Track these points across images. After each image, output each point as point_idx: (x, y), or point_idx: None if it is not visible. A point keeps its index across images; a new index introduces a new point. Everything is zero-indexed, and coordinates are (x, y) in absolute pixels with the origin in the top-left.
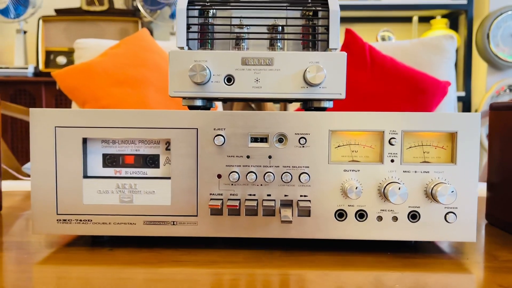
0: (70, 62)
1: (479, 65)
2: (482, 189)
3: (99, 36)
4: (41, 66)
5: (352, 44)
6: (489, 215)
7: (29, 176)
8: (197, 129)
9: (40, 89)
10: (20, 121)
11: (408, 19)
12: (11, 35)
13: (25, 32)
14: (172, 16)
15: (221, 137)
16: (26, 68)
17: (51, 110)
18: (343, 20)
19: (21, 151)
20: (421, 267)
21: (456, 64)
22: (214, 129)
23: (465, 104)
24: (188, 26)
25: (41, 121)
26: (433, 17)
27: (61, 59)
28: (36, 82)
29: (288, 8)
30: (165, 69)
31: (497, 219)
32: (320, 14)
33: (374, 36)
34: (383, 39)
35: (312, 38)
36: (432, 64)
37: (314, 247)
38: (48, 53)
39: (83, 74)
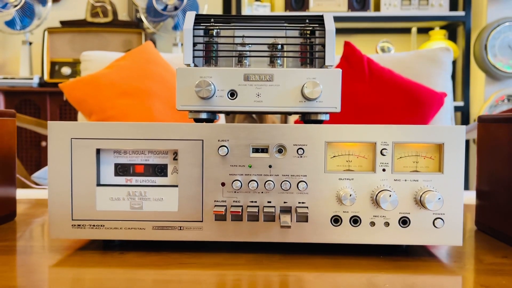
0: (75, 72)
1: (477, 75)
2: (472, 197)
3: (103, 47)
4: (46, 77)
5: (351, 56)
6: (478, 222)
7: (38, 184)
8: (202, 140)
9: (45, 99)
10: (25, 131)
11: (407, 30)
12: (17, 46)
13: (30, 43)
14: (175, 27)
15: (225, 148)
16: (32, 79)
17: (68, 123)
18: (343, 31)
19: (25, 159)
20: (411, 269)
21: (454, 75)
22: (218, 140)
23: (464, 113)
24: (194, 44)
25: (58, 133)
26: (431, 28)
27: (66, 70)
28: (41, 93)
29: (287, 28)
30: (169, 81)
31: (486, 226)
32: (317, 33)
33: (373, 47)
34: (382, 50)
35: (310, 56)
36: (429, 76)
37: (312, 251)
38: (53, 64)
39: (90, 86)
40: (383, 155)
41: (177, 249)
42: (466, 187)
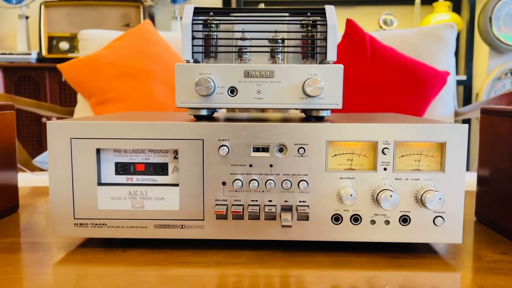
0: (73, 47)
1: (481, 48)
2: (473, 180)
3: (101, 21)
4: (44, 52)
5: (353, 35)
6: (478, 213)
7: (39, 169)
8: (203, 140)
9: (44, 75)
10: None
11: (411, 2)
12: (13, 20)
13: (27, 18)
14: (174, 0)
15: (226, 148)
16: (30, 54)
17: (67, 122)
18: (346, 3)
19: (26, 136)
20: (410, 267)
21: (458, 48)
22: (219, 139)
23: (466, 88)
24: (193, 36)
25: (58, 133)
26: (435, 0)
27: (64, 45)
28: (40, 68)
29: (288, 22)
30: (169, 62)
31: (485, 218)
32: (318, 26)
33: (376, 20)
34: (385, 22)
35: (311, 50)
36: (432, 53)
37: (313, 247)
38: (50, 39)
39: (89, 67)
40: (385, 154)
41: (179, 246)
42: (467, 167)
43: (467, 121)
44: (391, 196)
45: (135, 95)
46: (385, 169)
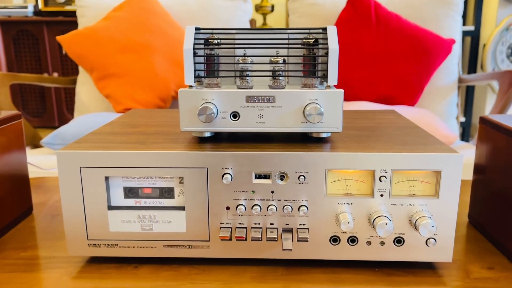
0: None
1: None
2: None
3: None
4: (40, 5)
5: (357, 2)
6: (471, 216)
7: (48, 150)
8: (207, 168)
9: (42, 30)
10: (26, 67)
11: None
12: None
13: None
14: None
15: (229, 176)
16: (26, 7)
17: (76, 152)
18: None
19: (29, 96)
20: (403, 284)
21: None
22: (222, 168)
23: (474, 39)
24: (195, 53)
25: (67, 162)
26: None
27: None
28: (37, 22)
29: (289, 46)
30: (169, 35)
31: (477, 223)
32: (320, 44)
33: None
34: None
35: (313, 74)
36: (438, 18)
37: (312, 264)
38: None
39: (89, 40)
40: (381, 181)
41: (187, 262)
42: (466, 138)
43: (472, 88)
44: (386, 224)
45: (137, 69)
46: (381, 195)
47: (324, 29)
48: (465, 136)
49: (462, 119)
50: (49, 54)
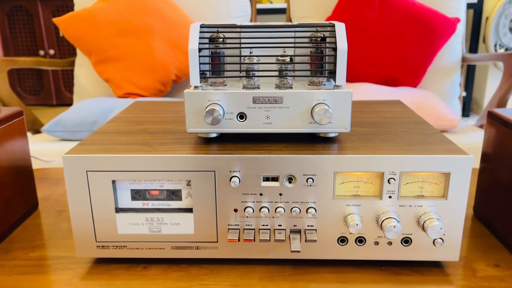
0: None
1: None
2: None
3: None
4: None
5: None
6: (476, 209)
7: (49, 136)
8: (214, 171)
9: (36, 5)
10: (21, 40)
11: None
12: None
13: None
14: None
15: (237, 179)
16: None
17: (82, 156)
18: None
19: (28, 84)
20: (409, 283)
21: None
22: (230, 171)
23: (476, 12)
24: (200, 52)
25: (74, 166)
26: None
27: None
28: None
29: (295, 45)
30: (169, 17)
31: (483, 217)
32: (327, 41)
33: None
34: None
35: (320, 73)
36: None
37: (320, 264)
38: None
39: (86, 23)
40: (390, 183)
41: (195, 262)
42: (467, 113)
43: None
44: (394, 226)
45: (136, 53)
46: (390, 197)
47: (332, 25)
48: (465, 111)
49: (463, 93)
50: (45, 30)
